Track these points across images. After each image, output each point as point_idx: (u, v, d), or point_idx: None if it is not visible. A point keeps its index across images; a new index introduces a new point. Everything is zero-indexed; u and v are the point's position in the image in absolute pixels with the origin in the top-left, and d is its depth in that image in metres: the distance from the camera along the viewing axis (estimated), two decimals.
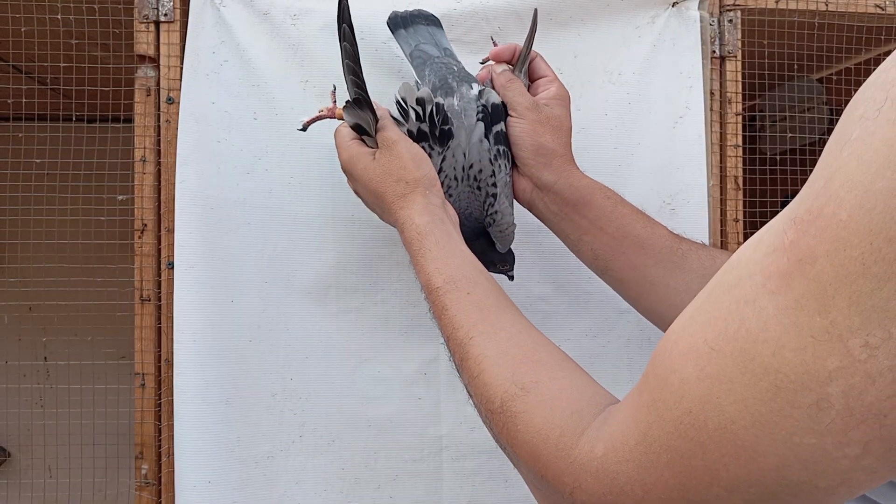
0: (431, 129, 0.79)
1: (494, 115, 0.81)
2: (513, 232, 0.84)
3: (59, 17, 0.98)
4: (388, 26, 0.90)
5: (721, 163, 1.03)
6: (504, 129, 0.82)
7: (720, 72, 1.04)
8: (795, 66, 1.16)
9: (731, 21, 1.03)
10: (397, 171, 0.74)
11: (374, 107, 0.78)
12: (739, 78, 1.04)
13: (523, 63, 0.84)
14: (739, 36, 1.03)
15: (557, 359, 0.57)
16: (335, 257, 0.96)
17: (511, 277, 0.86)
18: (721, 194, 1.03)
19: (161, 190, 0.96)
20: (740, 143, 1.04)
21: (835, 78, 1.32)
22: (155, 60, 0.96)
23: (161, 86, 0.96)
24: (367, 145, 0.78)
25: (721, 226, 1.03)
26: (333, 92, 0.87)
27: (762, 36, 1.08)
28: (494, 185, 0.81)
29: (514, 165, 0.83)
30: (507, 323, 0.61)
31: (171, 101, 0.96)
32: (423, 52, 0.86)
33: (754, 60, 1.09)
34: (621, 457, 0.43)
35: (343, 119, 0.81)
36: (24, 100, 1.37)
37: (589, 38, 0.98)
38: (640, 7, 0.98)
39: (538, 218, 0.84)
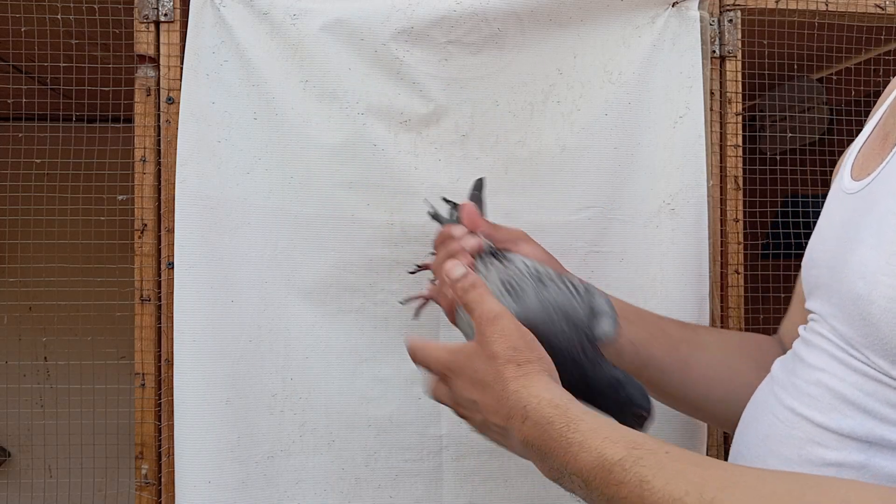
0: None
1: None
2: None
3: (59, 17, 0.98)
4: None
5: (721, 163, 1.03)
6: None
7: (720, 72, 1.04)
8: (795, 66, 1.16)
9: (731, 21, 1.03)
10: (505, 348, 0.58)
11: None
12: (739, 78, 1.04)
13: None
14: (739, 36, 1.03)
15: (829, 477, 0.48)
16: (335, 257, 0.96)
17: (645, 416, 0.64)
18: (721, 194, 1.03)
19: (161, 190, 0.96)
20: (740, 143, 1.04)
21: (835, 78, 1.32)
22: (155, 60, 0.96)
23: (161, 86, 0.96)
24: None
25: (721, 226, 1.03)
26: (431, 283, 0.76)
27: (762, 36, 1.08)
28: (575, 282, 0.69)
29: None
30: (736, 467, 0.49)
31: (171, 101, 0.96)
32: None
33: (754, 60, 1.09)
34: None
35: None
36: (24, 100, 1.37)
37: (589, 38, 0.98)
38: (640, 7, 0.98)
39: None
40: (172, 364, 0.94)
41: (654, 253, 0.98)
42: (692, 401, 0.77)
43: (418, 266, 0.86)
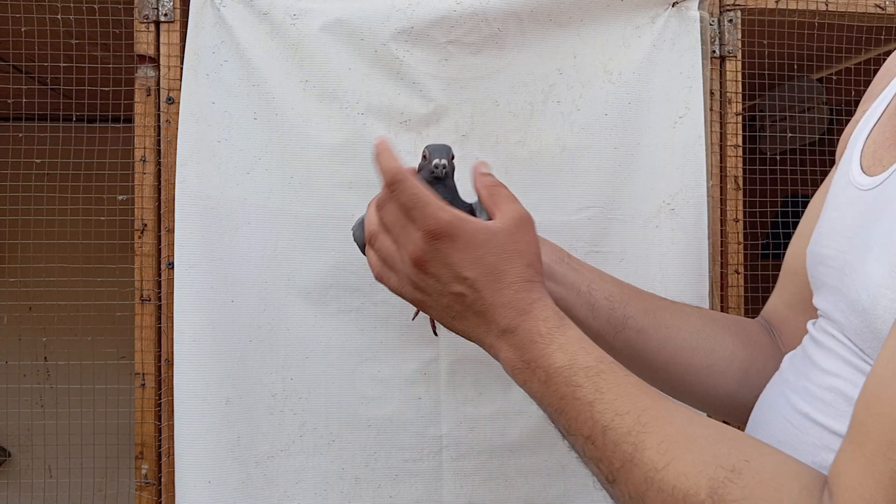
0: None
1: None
2: None
3: (59, 17, 0.98)
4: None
5: (721, 163, 1.03)
6: None
7: (720, 71, 1.04)
8: (795, 66, 1.16)
9: (731, 21, 1.03)
10: (531, 254, 0.61)
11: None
12: (739, 78, 1.04)
13: None
14: (739, 36, 1.03)
15: (748, 436, 0.51)
16: (335, 257, 0.95)
17: None
18: (721, 194, 1.03)
19: (161, 190, 0.96)
20: (740, 143, 1.04)
21: (835, 78, 1.32)
22: (155, 60, 0.96)
23: (161, 86, 0.96)
24: None
25: (721, 226, 1.03)
26: None
27: (762, 36, 1.08)
28: None
29: None
30: (678, 405, 0.53)
31: (171, 101, 0.96)
32: None
33: (754, 60, 1.09)
34: None
35: None
36: (24, 100, 1.37)
37: (589, 38, 0.98)
38: (640, 7, 0.98)
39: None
40: (172, 364, 0.94)
41: (654, 253, 0.98)
42: (673, 369, 0.75)
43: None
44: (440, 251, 0.60)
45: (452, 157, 0.69)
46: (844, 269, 0.54)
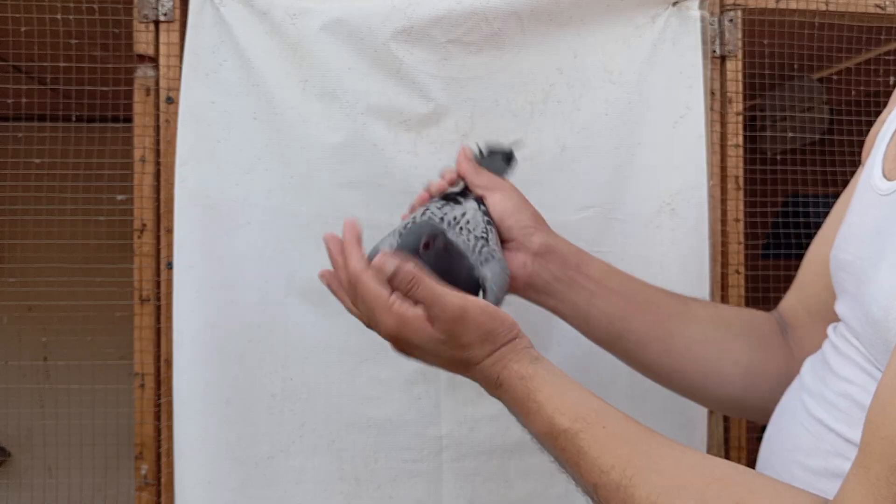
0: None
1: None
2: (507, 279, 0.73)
3: (59, 17, 0.98)
4: None
5: (722, 162, 1.03)
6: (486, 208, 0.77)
7: (721, 71, 1.04)
8: (795, 66, 1.16)
9: (731, 20, 1.03)
10: (477, 336, 0.62)
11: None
12: (740, 77, 1.04)
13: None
14: (740, 35, 1.03)
15: (739, 470, 0.51)
16: None
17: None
18: (722, 194, 1.03)
19: (160, 190, 0.96)
20: (741, 143, 1.04)
21: (835, 78, 1.32)
22: (154, 60, 0.96)
23: (160, 85, 0.96)
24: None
25: (722, 226, 1.03)
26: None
27: (762, 36, 1.08)
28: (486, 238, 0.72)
29: (504, 248, 0.76)
30: (662, 448, 0.53)
31: (170, 100, 0.95)
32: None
33: (754, 60, 1.09)
34: None
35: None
36: (24, 100, 1.37)
37: (589, 37, 0.97)
38: (640, 6, 0.98)
39: (540, 301, 0.77)
40: (172, 364, 0.93)
41: (655, 253, 0.98)
42: (676, 376, 0.76)
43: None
44: (402, 345, 0.66)
45: (432, 239, 0.67)
46: (861, 276, 0.54)
